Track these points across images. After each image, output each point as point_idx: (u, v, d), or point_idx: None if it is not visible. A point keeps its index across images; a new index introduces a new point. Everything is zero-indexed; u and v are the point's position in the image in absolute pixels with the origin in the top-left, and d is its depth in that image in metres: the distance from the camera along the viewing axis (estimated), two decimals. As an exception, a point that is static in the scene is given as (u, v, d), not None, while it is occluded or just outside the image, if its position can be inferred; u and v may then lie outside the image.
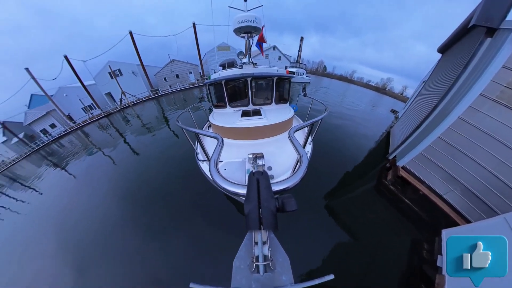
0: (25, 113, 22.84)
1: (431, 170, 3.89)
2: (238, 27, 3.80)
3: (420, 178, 4.10)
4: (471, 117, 3.09)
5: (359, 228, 3.71)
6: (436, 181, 3.84)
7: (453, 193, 3.60)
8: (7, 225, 6.68)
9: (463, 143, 3.29)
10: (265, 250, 0.70)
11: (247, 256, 0.72)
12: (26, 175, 13.24)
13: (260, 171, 0.93)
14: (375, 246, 3.33)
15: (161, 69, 25.21)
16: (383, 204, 4.34)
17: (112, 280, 3.31)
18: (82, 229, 4.67)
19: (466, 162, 3.33)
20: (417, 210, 3.99)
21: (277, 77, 3.81)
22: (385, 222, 3.86)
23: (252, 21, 3.73)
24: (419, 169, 4.11)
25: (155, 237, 3.89)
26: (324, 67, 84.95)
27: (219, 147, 1.43)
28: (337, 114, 11.12)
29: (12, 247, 5.05)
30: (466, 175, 3.35)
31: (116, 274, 3.37)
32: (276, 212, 0.72)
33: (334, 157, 6.01)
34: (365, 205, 4.28)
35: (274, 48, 33.42)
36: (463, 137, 3.25)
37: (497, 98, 2.75)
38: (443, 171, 3.71)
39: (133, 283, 3.16)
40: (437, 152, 3.71)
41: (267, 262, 0.68)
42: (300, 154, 1.22)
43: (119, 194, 5.55)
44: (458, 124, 3.27)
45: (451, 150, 3.49)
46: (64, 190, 7.64)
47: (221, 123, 3.28)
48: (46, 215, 6.10)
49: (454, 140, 3.39)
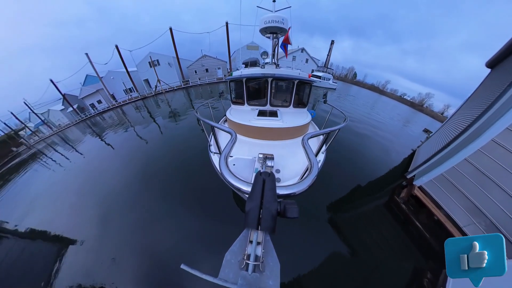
0: (81, 89, 26.92)
1: (453, 196, 3.48)
2: (265, 27, 3.78)
3: (438, 203, 3.71)
4: (507, 141, 2.70)
5: (360, 244, 3.49)
6: (457, 210, 3.42)
7: (475, 226, 3.16)
8: (53, 175, 8.17)
9: (494, 171, 2.88)
10: (258, 250, 0.71)
11: (239, 252, 0.72)
12: (73, 139, 15.49)
13: (268, 172, 0.94)
14: (372, 266, 3.11)
15: (193, 63, 27.05)
16: (391, 223, 4.00)
17: (118, 232, 3.87)
18: (108, 189, 5.47)
19: (496, 194, 2.90)
20: (427, 236, 3.61)
21: (299, 80, 3.76)
22: (388, 243, 3.57)
23: (279, 22, 3.69)
24: (438, 192, 3.73)
25: (165, 211, 4.25)
26: (354, 74, 79.84)
27: (231, 142, 1.46)
28: (361, 125, 10.48)
29: (55, 191, 6.48)
30: (495, 209, 2.91)
31: (123, 232, 3.88)
32: (276, 215, 0.73)
33: (348, 168, 5.73)
34: (370, 221, 4.01)
35: (302, 50, 32.57)
36: (495, 163, 2.85)
37: None
38: (467, 200, 3.28)
39: (132, 244, 3.55)
40: (462, 177, 3.31)
41: (258, 263, 0.68)
42: (311, 162, 1.20)
43: (142, 169, 6.23)
44: (491, 147, 2.87)
45: (479, 176, 3.08)
46: (100, 156, 8.79)
47: (237, 119, 3.29)
48: (83, 173, 7.23)
49: (484, 165, 2.99)
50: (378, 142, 8.63)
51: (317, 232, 3.59)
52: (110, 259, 3.35)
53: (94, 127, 17.06)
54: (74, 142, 13.37)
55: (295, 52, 32.03)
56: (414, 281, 2.89)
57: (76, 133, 17.32)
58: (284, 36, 4.10)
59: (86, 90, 26.70)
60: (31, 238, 4.48)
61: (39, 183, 7.77)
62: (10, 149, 21.64)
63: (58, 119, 28.42)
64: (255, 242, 0.70)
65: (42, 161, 11.41)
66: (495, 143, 2.83)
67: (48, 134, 23.06)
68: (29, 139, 24.26)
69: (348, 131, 8.79)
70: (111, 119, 18.48)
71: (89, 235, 3.95)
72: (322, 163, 2.80)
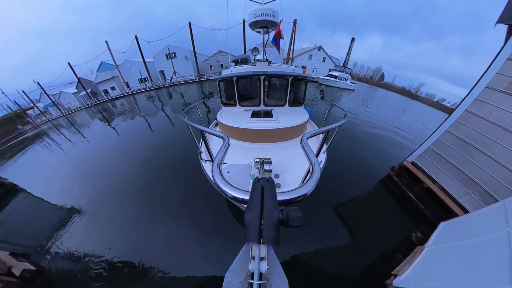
0: (96, 74, 28.44)
1: (444, 168, 3.80)
2: (254, 21, 3.60)
3: (431, 177, 4.01)
4: (479, 110, 3.25)
5: (360, 227, 3.58)
6: (450, 182, 3.63)
7: (470, 197, 3.29)
8: (54, 156, 8.32)
9: (473, 137, 3.36)
10: (262, 267, 0.62)
11: (241, 271, 0.63)
12: (80, 123, 15.15)
13: (266, 177, 0.88)
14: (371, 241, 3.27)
15: (208, 58, 28.28)
16: (386, 197, 4.30)
17: (109, 211, 4.15)
18: (107, 176, 5.53)
19: (480, 160, 3.16)
20: (421, 207, 3.77)
21: (293, 77, 3.61)
22: (384, 217, 3.77)
23: (269, 15, 3.48)
24: (430, 166, 4.09)
25: (158, 203, 4.22)
26: (382, 76, 73.30)
27: (224, 147, 1.35)
28: (388, 133, 8.96)
29: (53, 172, 6.67)
30: (484, 175, 3.13)
31: (114, 213, 4.06)
32: (279, 225, 0.66)
33: (352, 165, 5.50)
34: (372, 206, 4.09)
35: (319, 49, 31.23)
36: (472, 130, 3.35)
37: (506, 89, 2.94)
38: (457, 170, 3.56)
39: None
40: (448, 148, 3.75)
41: (263, 282, 0.59)
42: (312, 164, 1.12)
43: (144, 157, 6.32)
44: (466, 117, 3.43)
45: (462, 145, 3.53)
46: (105, 141, 8.75)
47: (229, 122, 3.18)
48: (86, 158, 7.22)
49: (464, 133, 3.49)
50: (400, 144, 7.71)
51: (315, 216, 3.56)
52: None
53: (104, 112, 17.58)
54: (81, 126, 13.56)
55: (312, 51, 31.12)
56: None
57: (85, 117, 17.80)
58: (276, 30, 3.93)
59: (102, 76, 28.08)
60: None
61: (38, 164, 7.86)
62: (15, 126, 21.71)
63: (68, 101, 29.25)
64: (258, 258, 0.62)
65: (45, 142, 11.56)
66: (469, 113, 3.37)
67: (56, 116, 23.05)
68: (36, 119, 24.34)
69: (362, 128, 8.60)
70: (122, 106, 19.30)
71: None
72: (324, 163, 2.73)
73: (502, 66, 2.90)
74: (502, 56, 2.91)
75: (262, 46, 4.09)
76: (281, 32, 3.98)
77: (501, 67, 2.91)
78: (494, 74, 3.00)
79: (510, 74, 2.85)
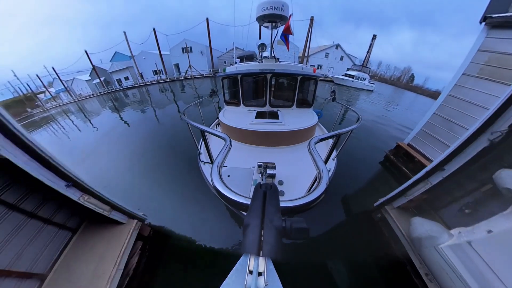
0: (112, 63, 29.48)
1: (436, 147, 4.44)
2: (262, 15, 3.39)
3: (426, 156, 4.61)
4: (459, 94, 4.02)
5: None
6: (438, 155, 4.17)
7: None
8: (59, 143, 8.03)
9: (455, 116, 4.08)
10: (260, 283, 0.55)
11: (236, 287, 0.57)
12: (90, 110, 14.66)
13: (269, 184, 0.81)
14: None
15: (223, 54, 29.14)
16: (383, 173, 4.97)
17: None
18: (112, 169, 5.37)
19: (462, 133, 3.68)
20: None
21: (302, 76, 3.49)
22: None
23: (278, 8, 3.28)
24: (425, 146, 4.75)
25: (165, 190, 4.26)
26: (411, 77, 65.11)
27: (225, 149, 1.30)
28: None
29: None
30: None
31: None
32: (281, 237, 0.60)
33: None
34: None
35: (337, 47, 30.20)
36: (454, 110, 4.09)
37: (478, 75, 3.79)
38: (444, 146, 4.19)
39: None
40: (436, 127, 4.47)
41: None
42: (320, 171, 1.04)
43: (150, 149, 6.31)
44: (449, 100, 4.23)
45: (447, 123, 4.25)
46: (112, 131, 8.51)
47: (232, 123, 3.08)
48: (91, 147, 6.99)
49: (448, 114, 4.23)
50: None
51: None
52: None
53: (115, 101, 17.80)
54: (90, 114, 13.57)
55: (329, 49, 30.44)
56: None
57: (96, 105, 18.13)
58: (285, 25, 3.81)
59: (116, 65, 29.18)
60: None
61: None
62: (25, 109, 21.73)
63: (81, 88, 29.47)
64: (255, 272, 0.56)
65: (52, 127, 11.44)
66: (451, 96, 4.19)
67: (67, 101, 22.93)
68: (46, 103, 24.34)
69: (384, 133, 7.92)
70: (134, 96, 19.73)
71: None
72: (333, 171, 2.61)
73: (474, 56, 3.75)
74: (474, 47, 3.75)
75: (270, 42, 3.98)
76: (291, 28, 3.90)
77: (474, 57, 3.76)
78: (469, 63, 3.83)
79: (481, 62, 3.67)
